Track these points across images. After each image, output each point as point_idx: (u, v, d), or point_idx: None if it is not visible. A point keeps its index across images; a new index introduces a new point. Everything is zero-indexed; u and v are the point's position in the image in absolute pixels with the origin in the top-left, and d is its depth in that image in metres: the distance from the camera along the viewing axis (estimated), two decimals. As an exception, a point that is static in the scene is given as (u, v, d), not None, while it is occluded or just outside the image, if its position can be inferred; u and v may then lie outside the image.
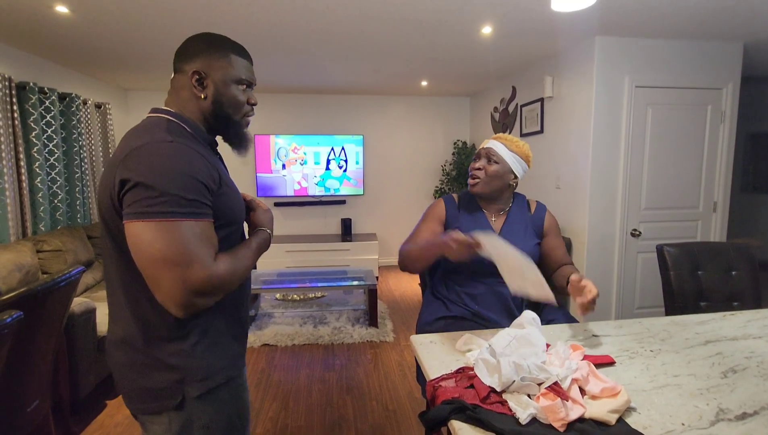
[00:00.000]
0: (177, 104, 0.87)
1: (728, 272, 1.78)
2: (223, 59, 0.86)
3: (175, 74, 0.88)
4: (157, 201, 0.69)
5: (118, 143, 0.84)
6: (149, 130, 0.78)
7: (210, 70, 0.85)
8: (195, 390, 0.81)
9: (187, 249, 0.70)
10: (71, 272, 1.56)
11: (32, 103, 2.89)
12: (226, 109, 0.88)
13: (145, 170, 0.70)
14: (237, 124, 0.91)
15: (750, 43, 2.90)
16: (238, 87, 0.88)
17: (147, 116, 0.86)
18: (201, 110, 0.87)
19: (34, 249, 2.59)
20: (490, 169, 1.41)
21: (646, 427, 0.78)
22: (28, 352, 1.44)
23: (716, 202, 3.04)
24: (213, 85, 0.86)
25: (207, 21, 2.44)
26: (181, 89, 0.87)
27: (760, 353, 1.08)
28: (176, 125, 0.83)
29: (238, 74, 0.88)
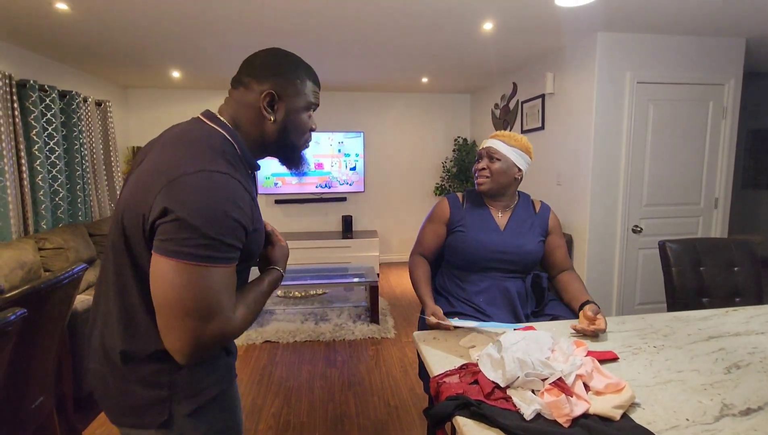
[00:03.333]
0: (236, 119, 0.81)
1: (730, 268, 1.78)
2: (297, 84, 0.82)
3: (239, 88, 0.81)
4: (195, 243, 0.65)
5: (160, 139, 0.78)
6: (202, 148, 0.72)
7: (284, 94, 0.80)
8: (184, 407, 0.75)
9: (211, 301, 0.66)
10: (74, 269, 1.57)
11: (32, 100, 2.88)
12: (292, 136, 0.84)
13: (191, 206, 0.65)
14: (298, 148, 0.87)
15: (752, 39, 2.89)
16: (307, 112, 0.85)
17: (199, 119, 0.80)
18: (264, 133, 0.82)
19: (35, 246, 2.59)
20: (493, 167, 1.43)
21: (651, 423, 0.78)
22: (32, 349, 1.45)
23: (717, 198, 3.04)
24: (284, 111, 0.81)
25: (206, 19, 2.43)
26: (245, 106, 0.80)
27: (763, 349, 1.09)
28: (230, 146, 0.77)
29: (311, 100, 0.84)
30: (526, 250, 1.42)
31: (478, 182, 1.47)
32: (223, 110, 0.82)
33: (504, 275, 1.43)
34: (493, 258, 1.41)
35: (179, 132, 0.77)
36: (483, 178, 1.45)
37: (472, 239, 1.42)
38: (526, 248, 1.42)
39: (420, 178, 5.22)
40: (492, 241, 1.42)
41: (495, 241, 1.42)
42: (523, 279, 1.44)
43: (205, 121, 0.79)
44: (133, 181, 0.73)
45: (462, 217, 1.47)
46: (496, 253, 1.41)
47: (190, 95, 4.63)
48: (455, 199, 1.53)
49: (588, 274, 2.98)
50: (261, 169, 0.91)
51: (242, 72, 0.81)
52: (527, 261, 1.43)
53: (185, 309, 0.65)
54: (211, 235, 0.65)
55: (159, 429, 0.75)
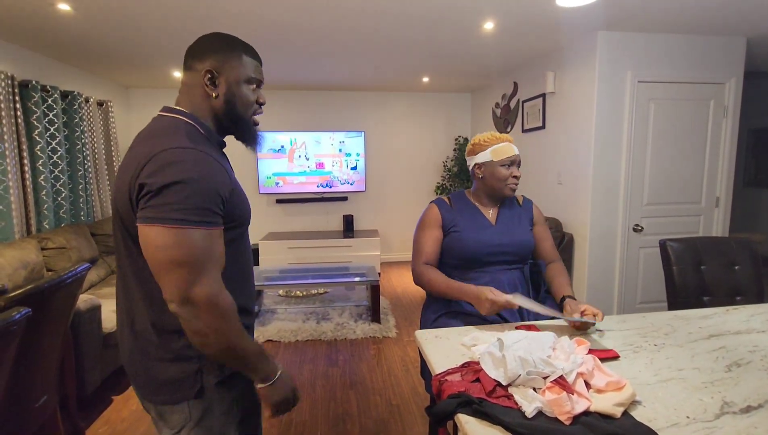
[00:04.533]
0: (189, 104, 0.87)
1: (731, 267, 1.79)
2: (235, 59, 0.87)
3: (186, 72, 0.89)
4: (172, 208, 0.71)
5: (132, 143, 0.86)
6: (168, 134, 0.79)
7: (222, 69, 0.86)
8: (214, 377, 0.83)
9: (195, 257, 0.73)
10: (77, 269, 1.57)
11: (35, 101, 2.89)
12: (238, 108, 0.89)
13: (164, 176, 0.72)
14: (247, 122, 0.92)
15: (753, 38, 2.89)
16: (248, 86, 0.90)
17: (160, 115, 0.87)
18: (212, 109, 0.88)
19: (38, 246, 2.61)
20: (519, 173, 1.48)
21: (651, 420, 0.79)
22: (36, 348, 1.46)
23: (718, 197, 3.04)
24: (225, 85, 0.87)
25: (208, 18, 2.44)
26: (192, 88, 0.87)
27: (763, 347, 1.09)
28: (192, 128, 0.84)
29: (249, 73, 0.89)
30: (519, 240, 1.46)
31: (512, 189, 1.48)
32: (179, 100, 0.89)
33: (502, 268, 1.45)
34: (491, 252, 1.44)
35: (145, 131, 0.85)
36: (515, 186, 1.48)
37: (468, 238, 1.45)
38: (519, 238, 1.46)
39: (421, 178, 5.22)
40: (487, 236, 1.45)
41: (490, 236, 1.46)
42: (521, 269, 1.47)
43: (164, 115, 0.86)
44: (117, 179, 0.81)
45: (454, 218, 1.50)
46: (493, 247, 1.44)
47: (191, 95, 4.63)
48: (443, 202, 1.55)
49: (589, 273, 2.98)
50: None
51: (187, 57, 0.88)
52: (523, 251, 1.47)
53: (170, 263, 0.72)
54: (182, 200, 0.72)
55: (192, 400, 0.82)
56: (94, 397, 2.23)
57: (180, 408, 0.83)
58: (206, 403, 0.83)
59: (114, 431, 1.97)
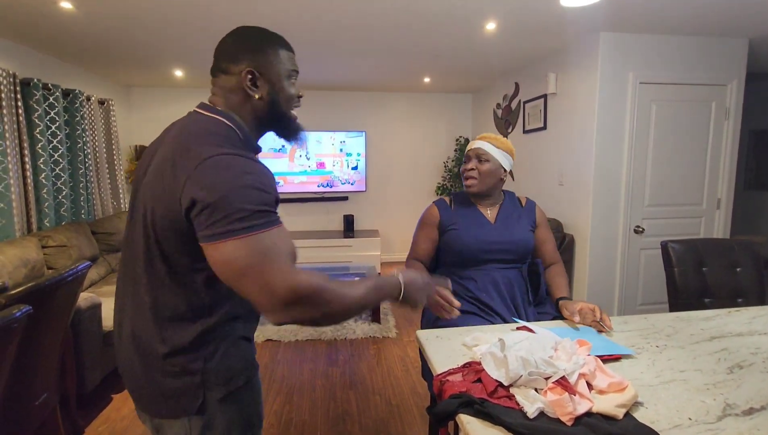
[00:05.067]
0: (229, 106, 0.82)
1: (733, 269, 1.78)
2: (272, 55, 0.83)
3: (220, 75, 0.83)
4: (232, 219, 0.67)
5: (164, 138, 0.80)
6: (209, 138, 0.74)
7: (262, 68, 0.82)
8: (217, 393, 0.79)
9: (270, 260, 0.69)
10: (78, 267, 1.57)
11: (36, 99, 2.89)
12: (282, 106, 0.86)
13: (217, 187, 0.68)
14: (290, 118, 0.89)
15: (755, 40, 2.89)
16: (289, 81, 0.86)
17: (197, 111, 0.82)
18: (254, 110, 0.84)
19: (39, 244, 2.60)
20: (482, 168, 1.48)
21: (654, 422, 0.78)
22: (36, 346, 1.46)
23: (720, 199, 3.03)
24: (267, 84, 0.83)
25: (209, 17, 2.44)
26: (231, 91, 0.82)
27: (766, 349, 1.09)
28: (232, 132, 0.79)
29: (288, 67, 0.85)
30: (517, 238, 1.47)
31: (467, 184, 1.51)
32: (215, 101, 0.83)
33: (500, 266, 1.46)
34: (488, 250, 1.45)
35: (182, 126, 0.79)
36: (472, 180, 1.49)
37: (465, 235, 1.47)
38: (517, 237, 1.47)
39: (422, 178, 5.22)
40: (485, 234, 1.47)
41: (487, 234, 1.47)
42: (520, 269, 1.47)
43: (203, 113, 0.81)
44: (150, 181, 0.75)
45: (452, 217, 1.52)
46: (490, 244, 1.45)
47: (192, 94, 4.64)
48: (443, 202, 1.58)
49: (590, 274, 2.98)
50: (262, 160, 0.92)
51: (217, 59, 0.83)
52: (521, 250, 1.47)
53: (248, 275, 0.68)
54: (243, 208, 0.68)
55: (193, 415, 0.78)
56: (93, 396, 2.22)
57: (179, 423, 0.79)
58: (207, 419, 0.79)
59: (113, 430, 1.97)
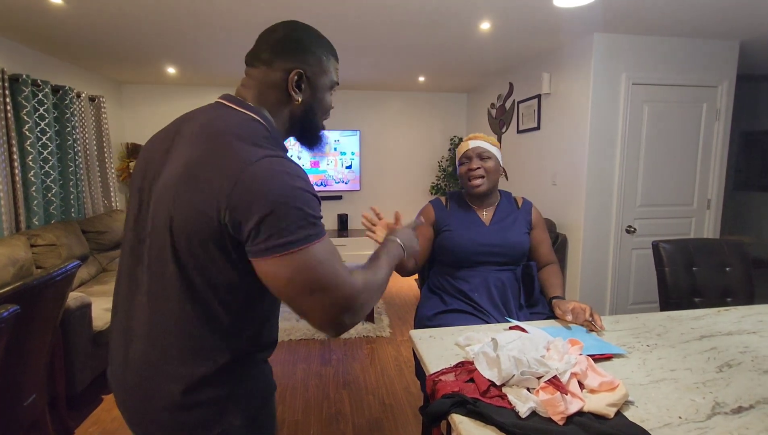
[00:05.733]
0: (261, 102, 0.75)
1: (722, 268, 1.80)
2: (324, 62, 0.78)
3: (260, 66, 0.75)
4: (287, 231, 0.62)
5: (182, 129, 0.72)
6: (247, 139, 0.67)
7: (313, 73, 0.76)
8: (237, 419, 0.73)
9: (327, 272, 0.65)
10: (67, 266, 1.55)
11: (25, 95, 2.85)
12: (317, 117, 0.81)
13: (267, 199, 0.61)
14: (320, 129, 0.84)
15: (746, 42, 2.92)
16: (330, 91, 0.82)
17: (223, 104, 0.74)
18: (290, 114, 0.78)
19: (27, 243, 2.57)
20: (487, 165, 1.47)
21: (644, 421, 0.79)
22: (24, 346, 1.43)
23: (710, 199, 3.07)
24: (310, 90, 0.77)
25: (203, 15, 2.42)
26: (269, 87, 0.75)
27: (754, 348, 1.10)
28: (265, 131, 0.72)
29: (334, 79, 0.81)
30: (511, 241, 1.46)
31: (474, 184, 1.47)
32: (244, 93, 0.76)
33: (494, 268, 1.46)
34: (482, 252, 1.45)
35: (209, 121, 0.70)
36: (480, 179, 1.46)
37: (459, 236, 1.46)
38: (511, 240, 1.46)
39: (416, 177, 5.22)
40: (478, 236, 1.46)
41: (481, 235, 1.46)
42: (514, 271, 1.47)
43: (234, 108, 0.73)
44: (176, 185, 0.66)
45: (447, 218, 1.52)
46: (484, 246, 1.45)
47: (185, 91, 4.60)
48: (439, 202, 1.58)
49: (582, 274, 3.00)
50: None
51: (262, 48, 0.76)
52: (514, 252, 1.47)
53: (308, 290, 0.65)
54: (298, 217, 0.63)
55: None
56: (83, 396, 2.20)
57: None
58: None
59: (104, 431, 1.95)
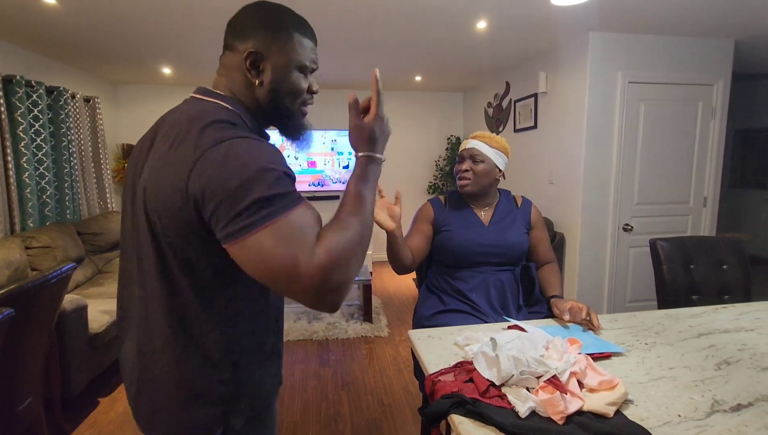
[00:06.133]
0: (229, 87, 0.74)
1: (719, 266, 1.81)
2: (284, 39, 0.72)
3: (225, 51, 0.75)
4: (252, 210, 0.59)
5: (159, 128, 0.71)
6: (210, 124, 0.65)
7: (268, 51, 0.71)
8: (240, 420, 0.73)
9: (281, 258, 0.60)
10: (62, 268, 1.54)
11: (19, 96, 2.83)
12: (285, 100, 0.75)
13: (227, 181, 0.59)
14: (294, 115, 0.78)
15: (741, 40, 2.93)
16: (299, 72, 0.75)
17: (195, 97, 0.73)
18: (255, 97, 0.74)
19: (22, 245, 2.55)
20: (477, 168, 1.46)
21: (644, 419, 0.79)
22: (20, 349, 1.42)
23: (706, 197, 3.08)
24: (271, 71, 0.72)
25: (198, 14, 2.40)
26: (232, 70, 0.73)
27: (752, 345, 1.10)
28: (236, 117, 0.70)
29: (302, 59, 0.75)
30: (510, 242, 1.45)
31: (460, 184, 1.49)
32: (218, 83, 0.75)
33: (493, 268, 1.45)
34: (480, 252, 1.44)
35: (178, 115, 0.69)
36: (466, 180, 1.47)
37: (458, 236, 1.46)
38: (510, 240, 1.46)
39: (413, 177, 5.22)
40: (477, 236, 1.45)
41: (480, 236, 1.46)
42: (513, 271, 1.47)
43: (202, 98, 0.72)
44: (151, 179, 0.65)
45: (446, 218, 1.51)
46: (483, 247, 1.44)
47: (181, 92, 4.57)
48: (438, 201, 1.57)
49: (579, 272, 3.01)
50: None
51: (227, 32, 0.74)
52: (513, 253, 1.46)
53: (273, 279, 0.61)
54: (263, 195, 0.59)
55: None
56: (79, 400, 2.18)
57: None
58: None
59: (100, 433, 1.94)
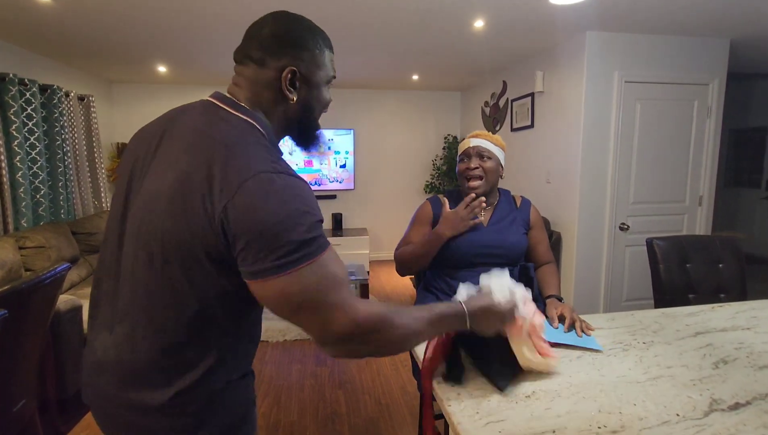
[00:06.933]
0: (255, 102, 0.71)
1: (715, 265, 1.82)
2: (317, 56, 0.72)
3: (250, 64, 0.71)
4: (284, 251, 0.59)
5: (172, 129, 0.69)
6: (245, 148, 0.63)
7: (307, 69, 0.72)
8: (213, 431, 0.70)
9: (328, 289, 0.62)
10: (57, 269, 1.52)
11: (12, 94, 2.80)
12: (314, 114, 0.76)
13: (264, 217, 0.58)
14: (317, 126, 0.79)
15: (736, 40, 2.95)
16: (327, 86, 0.77)
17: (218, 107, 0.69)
18: (285, 114, 0.73)
19: (16, 245, 2.52)
20: (486, 165, 1.45)
21: (642, 419, 0.79)
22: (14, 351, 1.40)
23: (702, 196, 3.10)
24: (306, 87, 0.73)
25: (194, 13, 2.39)
26: (262, 86, 0.71)
27: (749, 344, 1.11)
28: (262, 137, 0.68)
29: (331, 73, 0.76)
30: (509, 242, 1.45)
31: (472, 185, 1.45)
32: (237, 92, 0.72)
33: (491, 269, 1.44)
34: (479, 253, 1.43)
35: (205, 126, 0.66)
36: (477, 181, 1.44)
37: (457, 237, 1.44)
38: (509, 241, 1.45)
39: (410, 176, 5.22)
40: (476, 237, 1.44)
41: (479, 236, 1.45)
42: (511, 271, 1.46)
43: (229, 111, 0.68)
44: (165, 192, 0.63)
45: None
46: (482, 247, 1.43)
47: (176, 91, 4.55)
48: (437, 200, 1.56)
49: (576, 271, 3.01)
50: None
51: (251, 44, 0.71)
52: (512, 253, 1.46)
53: (307, 308, 0.61)
54: (294, 239, 0.59)
55: None
56: (74, 401, 2.16)
57: None
58: None
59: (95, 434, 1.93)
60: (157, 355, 0.66)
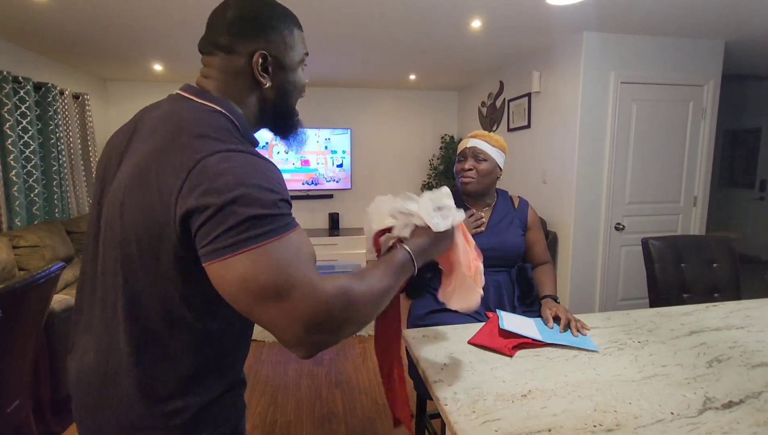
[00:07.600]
0: (223, 92, 0.68)
1: (710, 265, 1.83)
2: (287, 35, 0.69)
3: (218, 53, 0.68)
4: (245, 226, 0.54)
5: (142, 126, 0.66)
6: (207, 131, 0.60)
7: (278, 51, 0.69)
8: None
9: (281, 275, 0.55)
10: (51, 268, 1.51)
11: (6, 92, 2.77)
12: (290, 99, 0.73)
13: (221, 191, 0.54)
14: (294, 112, 0.76)
15: (731, 42, 2.97)
16: (301, 67, 0.74)
17: (183, 96, 0.67)
18: (259, 100, 0.71)
19: (10, 245, 2.50)
20: (480, 167, 1.45)
21: (637, 417, 0.79)
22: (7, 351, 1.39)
23: (696, 196, 3.12)
24: (279, 71, 0.70)
25: (190, 8, 2.37)
26: (230, 73, 0.68)
27: (742, 343, 1.12)
28: (230, 123, 0.65)
29: (302, 51, 0.73)
30: (507, 244, 1.46)
31: (463, 182, 1.48)
32: (205, 84, 0.69)
33: (489, 270, 1.45)
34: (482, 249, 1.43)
35: (167, 114, 0.64)
36: (469, 179, 1.46)
37: None
38: (507, 243, 1.46)
39: (407, 176, 5.22)
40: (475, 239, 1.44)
41: (478, 239, 1.45)
42: (509, 272, 1.47)
43: (193, 99, 0.66)
44: (129, 186, 0.60)
45: None
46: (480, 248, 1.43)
47: (172, 88, 4.43)
48: None
49: (572, 271, 3.03)
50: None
51: (216, 32, 0.68)
52: (510, 255, 1.47)
53: (261, 298, 0.55)
54: (254, 213, 0.55)
55: None
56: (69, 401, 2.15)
57: None
58: None
59: (91, 435, 1.91)
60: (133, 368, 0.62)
